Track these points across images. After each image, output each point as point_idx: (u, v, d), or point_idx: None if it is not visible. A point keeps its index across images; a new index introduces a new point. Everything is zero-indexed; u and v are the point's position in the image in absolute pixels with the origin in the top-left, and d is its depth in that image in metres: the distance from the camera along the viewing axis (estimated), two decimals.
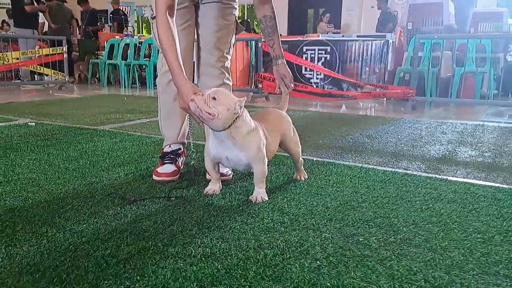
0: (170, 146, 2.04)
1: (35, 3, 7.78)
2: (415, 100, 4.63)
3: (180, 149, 2.05)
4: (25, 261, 1.19)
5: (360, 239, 1.34)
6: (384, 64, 5.52)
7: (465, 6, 6.67)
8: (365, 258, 1.21)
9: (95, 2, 14.79)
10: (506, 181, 1.99)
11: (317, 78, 5.95)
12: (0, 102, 4.97)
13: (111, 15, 10.19)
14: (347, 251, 1.25)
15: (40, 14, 8.02)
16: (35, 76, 7.48)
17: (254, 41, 6.22)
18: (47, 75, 7.11)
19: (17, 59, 6.67)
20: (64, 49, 6.84)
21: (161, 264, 1.17)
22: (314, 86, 5.81)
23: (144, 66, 7.86)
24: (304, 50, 5.99)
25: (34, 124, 3.39)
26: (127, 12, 12.76)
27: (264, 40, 2.47)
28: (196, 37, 2.05)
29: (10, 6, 8.01)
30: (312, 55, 5.93)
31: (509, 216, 1.54)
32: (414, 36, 4.87)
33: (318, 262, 1.19)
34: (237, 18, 2.08)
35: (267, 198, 1.69)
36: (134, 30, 9.02)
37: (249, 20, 13.25)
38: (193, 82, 1.70)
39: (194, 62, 2.07)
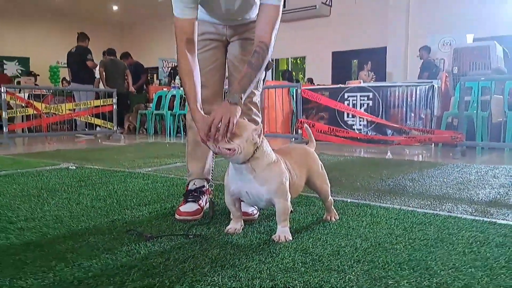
0: (194, 183, 1.97)
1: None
2: (464, 145, 4.36)
3: (204, 186, 1.98)
4: None
5: (390, 282, 1.18)
6: (431, 110, 5.31)
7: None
8: None
9: (148, 59, 15.70)
10: None
11: (360, 125, 5.81)
12: (50, 150, 5.19)
13: (172, 71, 10.68)
14: None
15: (96, 70, 8.53)
16: (88, 126, 7.85)
17: (295, 89, 6.23)
18: (98, 125, 7.44)
19: (70, 110, 7.05)
20: (114, 101, 7.16)
21: None
22: (357, 132, 5.66)
23: None
24: (346, 96, 5.91)
25: (74, 167, 3.47)
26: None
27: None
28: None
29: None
30: (354, 102, 5.83)
31: None
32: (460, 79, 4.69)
33: None
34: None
35: (290, 238, 1.56)
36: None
37: (293, 72, 13.52)
38: None
39: None
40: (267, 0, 1.69)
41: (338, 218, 1.85)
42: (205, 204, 1.96)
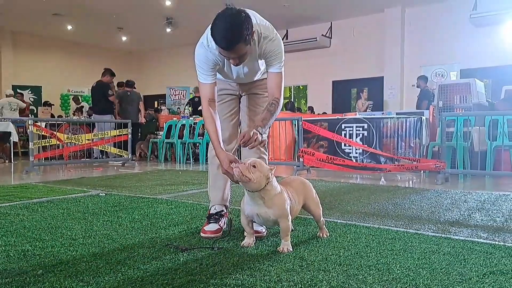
0: (215, 208, 2.50)
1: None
2: (447, 173, 4.88)
3: (223, 210, 2.50)
4: (107, 286, 1.64)
5: (360, 277, 1.69)
6: (419, 139, 5.86)
7: (499, 84, 6.98)
8: None
9: (155, 87, 16.35)
10: (504, 240, 2.26)
11: (356, 153, 6.35)
12: (75, 177, 5.73)
13: (190, 101, 11.07)
14: (347, 285, 1.61)
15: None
16: (103, 154, 8.42)
17: (296, 120, 6.80)
18: (114, 153, 8.01)
19: (89, 140, 7.63)
20: (129, 131, 7.74)
21: None
22: (354, 160, 6.20)
23: (197, 144, 8.62)
24: (343, 127, 6.48)
25: (104, 194, 4.00)
26: (184, 96, 14.00)
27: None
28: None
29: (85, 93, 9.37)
30: (351, 132, 6.40)
31: (491, 264, 1.84)
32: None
33: None
34: None
35: (291, 249, 2.07)
36: (190, 112, 9.95)
37: (296, 100, 14.14)
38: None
39: None
40: (271, 69, 2.25)
41: (328, 234, 2.36)
42: (224, 225, 2.48)
